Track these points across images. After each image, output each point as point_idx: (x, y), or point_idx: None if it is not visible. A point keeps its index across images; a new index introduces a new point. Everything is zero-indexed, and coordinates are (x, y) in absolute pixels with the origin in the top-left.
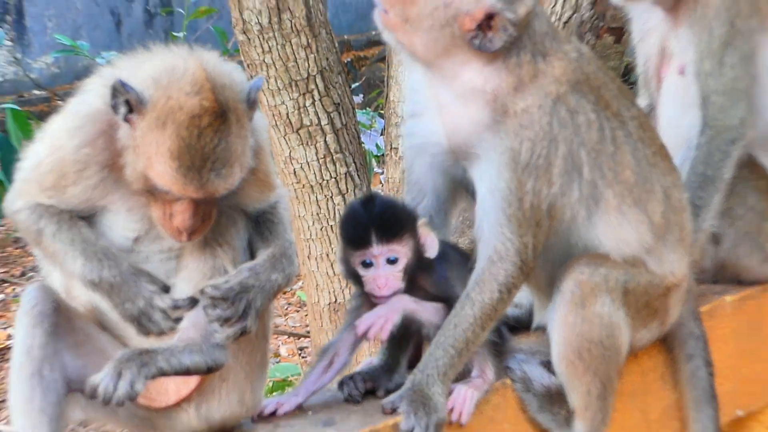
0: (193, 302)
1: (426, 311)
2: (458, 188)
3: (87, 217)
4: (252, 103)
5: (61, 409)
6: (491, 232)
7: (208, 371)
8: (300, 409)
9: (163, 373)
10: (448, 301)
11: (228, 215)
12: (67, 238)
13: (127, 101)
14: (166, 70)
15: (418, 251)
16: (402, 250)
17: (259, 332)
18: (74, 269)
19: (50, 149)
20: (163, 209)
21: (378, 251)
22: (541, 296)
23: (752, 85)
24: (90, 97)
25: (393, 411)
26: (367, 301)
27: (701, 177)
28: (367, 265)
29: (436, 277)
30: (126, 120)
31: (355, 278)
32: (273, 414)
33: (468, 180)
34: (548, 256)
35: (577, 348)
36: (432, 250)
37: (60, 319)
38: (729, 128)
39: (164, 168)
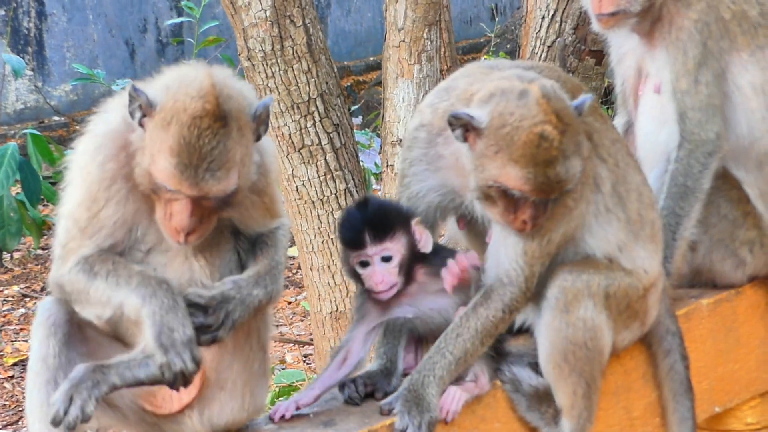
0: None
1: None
2: (451, 211)
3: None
4: (258, 119)
5: None
6: (506, 258)
7: (169, 385)
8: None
9: (116, 388)
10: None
11: (228, 238)
12: (124, 274)
13: (140, 105)
14: (177, 78)
15: (413, 247)
16: (395, 248)
17: (255, 344)
18: (134, 304)
19: (78, 176)
20: (164, 209)
21: (372, 251)
22: (533, 299)
23: (725, 102)
24: (109, 116)
25: (390, 412)
26: (370, 297)
27: (682, 188)
28: (364, 264)
29: (434, 269)
30: (140, 124)
31: (356, 277)
32: (289, 414)
33: (468, 207)
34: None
35: (562, 351)
36: (427, 246)
37: (72, 329)
38: (706, 142)
39: (164, 164)
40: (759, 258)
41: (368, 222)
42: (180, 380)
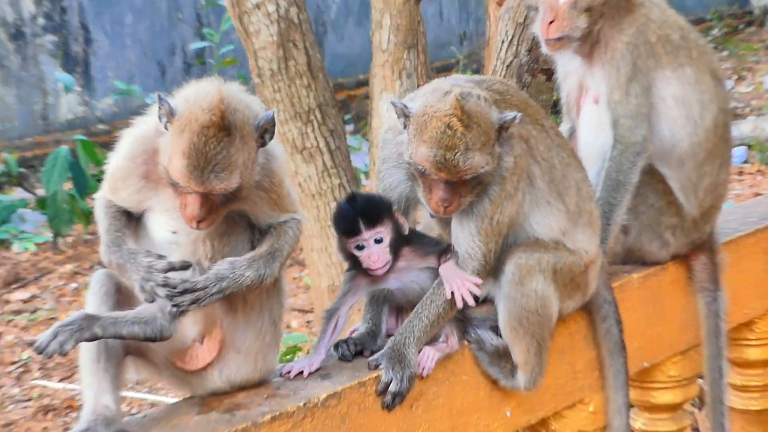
0: (184, 265)
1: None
2: (418, 200)
3: (139, 216)
4: (261, 129)
5: (120, 369)
6: (465, 239)
7: (146, 340)
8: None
9: (96, 338)
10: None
11: (243, 229)
12: (102, 228)
13: (165, 113)
14: (194, 92)
15: (397, 230)
16: (385, 231)
17: (267, 319)
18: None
19: (111, 161)
20: (181, 200)
21: (367, 235)
22: (490, 274)
23: (651, 111)
24: (142, 125)
25: (376, 367)
26: (360, 274)
27: (615, 182)
28: (360, 247)
29: (415, 248)
30: (165, 127)
31: (351, 259)
32: (301, 373)
33: None
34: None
35: (518, 316)
36: (405, 228)
37: (120, 297)
38: (635, 144)
39: (178, 164)
40: (680, 240)
41: (360, 212)
42: (157, 340)
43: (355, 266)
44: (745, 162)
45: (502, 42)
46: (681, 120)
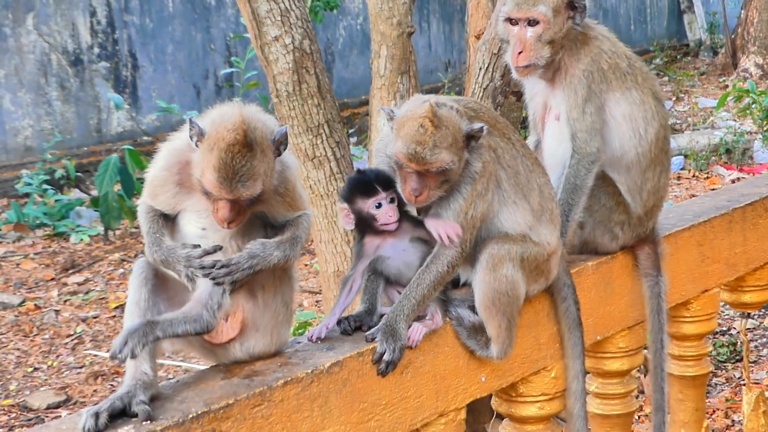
0: (216, 248)
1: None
2: None
3: (174, 217)
4: (277, 142)
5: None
6: None
7: (197, 334)
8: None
9: (158, 340)
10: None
11: (259, 228)
12: (144, 230)
13: (195, 134)
14: (220, 115)
15: (399, 197)
16: (394, 193)
17: (280, 302)
18: (146, 252)
19: (150, 171)
20: (213, 206)
21: (384, 195)
22: (467, 263)
23: (603, 126)
24: (176, 140)
25: (373, 339)
26: (368, 237)
27: (573, 186)
28: (378, 206)
29: (407, 217)
30: (196, 146)
31: (361, 227)
32: (323, 334)
33: None
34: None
35: (491, 297)
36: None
37: (158, 281)
38: (590, 154)
39: (210, 177)
40: (627, 234)
41: (375, 177)
42: (206, 333)
43: (363, 235)
44: (682, 169)
45: (480, 69)
46: (628, 134)
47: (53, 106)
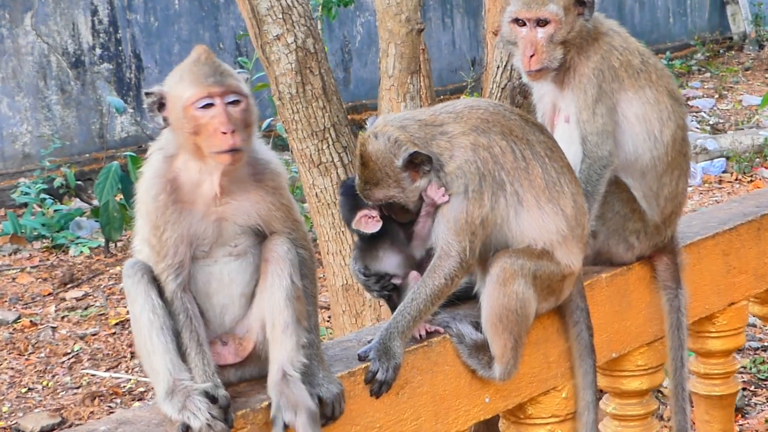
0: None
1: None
2: None
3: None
4: None
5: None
6: (440, 237)
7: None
8: None
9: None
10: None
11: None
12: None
13: (155, 103)
14: (171, 74)
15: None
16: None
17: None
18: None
19: (143, 210)
20: (207, 131)
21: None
22: (482, 273)
23: (615, 128)
24: (151, 160)
25: (365, 358)
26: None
27: (584, 192)
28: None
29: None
30: (159, 111)
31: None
32: None
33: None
34: (489, 246)
35: (499, 314)
36: None
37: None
38: (602, 158)
39: (192, 85)
40: (644, 243)
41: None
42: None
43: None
44: (725, 172)
45: (497, 67)
46: (642, 136)
47: (53, 110)
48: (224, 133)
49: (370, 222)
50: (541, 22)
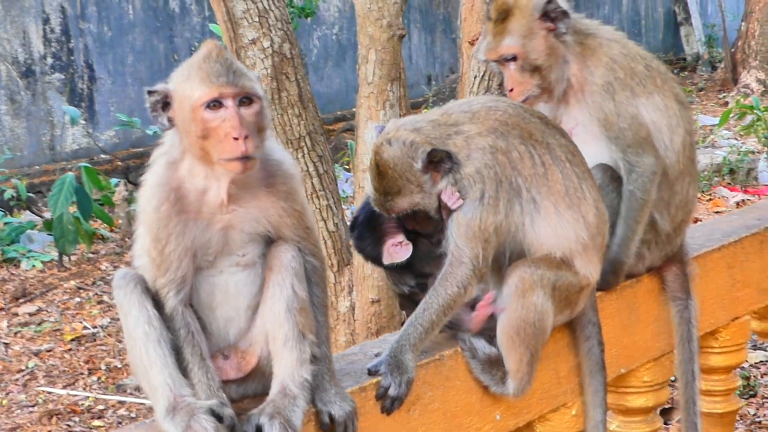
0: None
1: None
2: None
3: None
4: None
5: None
6: (453, 244)
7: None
8: None
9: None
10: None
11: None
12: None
13: (159, 102)
14: (177, 71)
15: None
16: None
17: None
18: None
19: (144, 221)
20: (217, 136)
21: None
22: (498, 281)
23: (649, 132)
24: (154, 168)
25: (376, 373)
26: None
27: (639, 201)
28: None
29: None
30: (164, 110)
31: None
32: None
33: None
34: (503, 253)
35: (516, 327)
36: None
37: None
38: (649, 165)
39: (201, 84)
40: (655, 253)
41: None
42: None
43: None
44: None
45: (475, 77)
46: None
47: (2, 121)
48: (236, 138)
49: (400, 249)
50: (507, 58)
